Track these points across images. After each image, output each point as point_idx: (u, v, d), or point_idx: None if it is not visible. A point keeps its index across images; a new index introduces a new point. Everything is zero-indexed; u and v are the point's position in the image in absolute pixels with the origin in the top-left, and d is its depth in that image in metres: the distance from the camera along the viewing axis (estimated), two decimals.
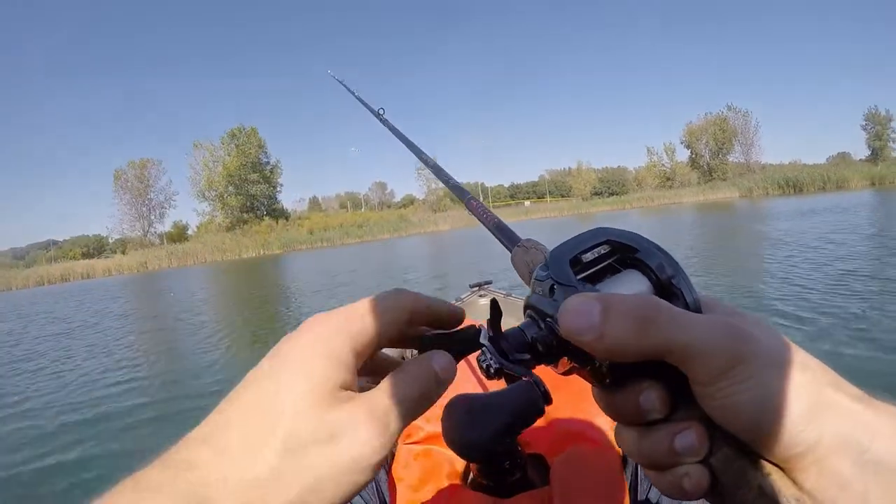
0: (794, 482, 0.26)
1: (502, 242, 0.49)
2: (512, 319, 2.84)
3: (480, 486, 0.83)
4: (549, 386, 1.33)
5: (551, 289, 0.32)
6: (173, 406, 4.59)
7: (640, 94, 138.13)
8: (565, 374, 0.33)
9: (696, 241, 13.16)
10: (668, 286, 0.31)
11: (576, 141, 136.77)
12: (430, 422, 1.11)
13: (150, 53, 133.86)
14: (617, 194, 74.15)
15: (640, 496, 0.95)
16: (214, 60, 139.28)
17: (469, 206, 0.66)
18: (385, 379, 0.33)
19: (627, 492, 0.86)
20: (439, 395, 0.34)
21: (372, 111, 1.37)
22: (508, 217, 55.45)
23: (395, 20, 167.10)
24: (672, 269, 0.31)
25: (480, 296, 3.52)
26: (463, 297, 3.49)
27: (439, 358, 0.34)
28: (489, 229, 0.56)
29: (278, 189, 58.69)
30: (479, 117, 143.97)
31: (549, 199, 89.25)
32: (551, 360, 0.32)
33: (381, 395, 0.31)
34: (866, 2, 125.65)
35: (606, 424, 1.06)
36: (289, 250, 43.73)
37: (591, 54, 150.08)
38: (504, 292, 3.54)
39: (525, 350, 0.33)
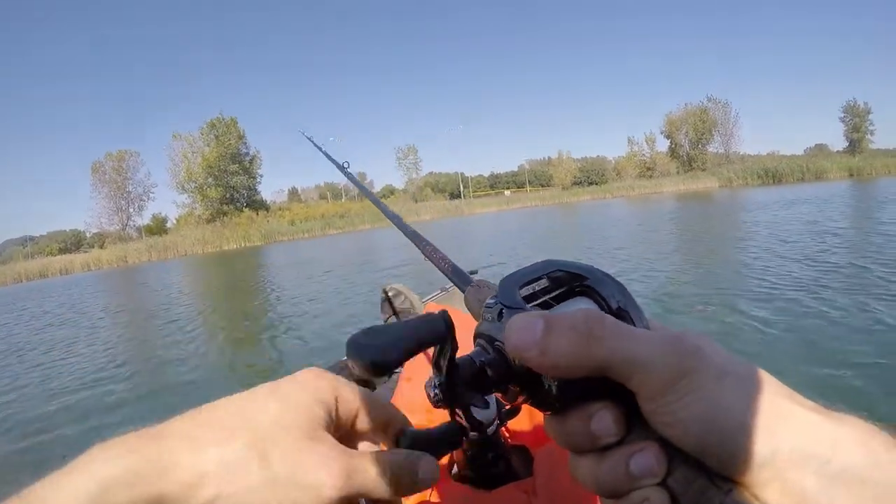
0: (757, 498, 0.25)
1: (455, 283, 0.51)
2: None
3: (464, 478, 0.83)
4: None
5: (500, 314, 0.32)
6: (153, 398, 4.61)
7: (620, 85, 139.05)
8: (514, 404, 0.33)
9: (677, 228, 13.42)
10: (618, 312, 0.31)
11: (556, 131, 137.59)
12: (415, 414, 1.22)
13: (125, 42, 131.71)
14: (596, 184, 74.61)
15: None
16: (193, 50, 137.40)
17: (424, 251, 0.70)
18: (369, 452, 0.33)
19: None
20: (407, 496, 0.34)
21: (337, 165, 1.50)
22: (490, 206, 56.67)
23: (376, 11, 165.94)
24: (621, 295, 0.31)
25: None
26: (448, 287, 3.52)
27: (426, 464, 0.34)
28: (443, 272, 0.58)
29: (258, 180, 58.29)
30: (458, 106, 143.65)
31: (528, 189, 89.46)
32: (501, 385, 0.32)
33: (363, 460, 0.32)
34: None
35: None
36: (270, 241, 43.51)
37: (569, 44, 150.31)
38: (490, 283, 3.61)
39: (476, 377, 0.33)
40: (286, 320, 7.00)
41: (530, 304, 0.32)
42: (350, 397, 0.35)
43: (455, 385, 0.33)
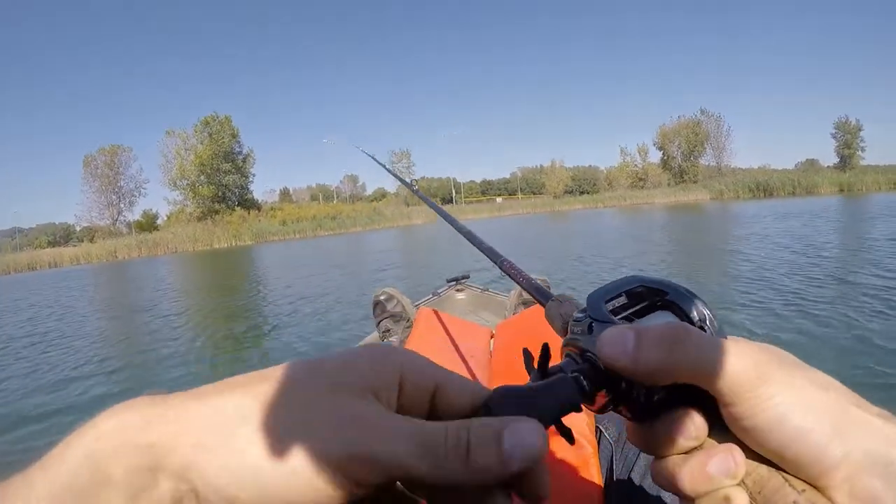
0: (829, 499, 0.26)
1: (537, 299, 0.52)
2: (489, 314, 3.16)
3: None
4: (509, 357, 1.53)
5: (589, 327, 0.33)
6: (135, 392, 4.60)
7: (613, 96, 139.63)
8: (600, 411, 0.33)
9: (672, 238, 13.56)
10: (699, 325, 0.32)
11: (548, 140, 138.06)
12: None
13: (120, 36, 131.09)
14: (588, 193, 74.90)
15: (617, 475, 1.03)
16: (188, 47, 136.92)
17: (502, 266, 0.71)
18: (441, 422, 0.28)
19: (600, 475, 0.90)
20: (484, 477, 0.26)
21: (405, 183, 1.60)
22: (482, 213, 56.76)
23: (374, 14, 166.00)
24: (701, 309, 0.33)
25: (458, 290, 3.65)
26: (440, 291, 3.62)
27: (519, 430, 0.27)
28: (524, 287, 0.59)
29: (251, 179, 58.00)
30: (452, 112, 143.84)
31: (520, 196, 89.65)
32: (589, 393, 0.32)
33: (434, 428, 0.27)
34: (837, 15, 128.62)
35: (582, 414, 1.25)
36: (261, 241, 43.32)
37: (563, 55, 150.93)
38: (481, 287, 3.66)
39: None
40: (275, 321, 7.01)
41: (617, 317, 0.34)
42: (423, 371, 0.31)
43: None
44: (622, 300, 0.35)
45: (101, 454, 0.24)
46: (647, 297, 0.35)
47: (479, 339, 2.16)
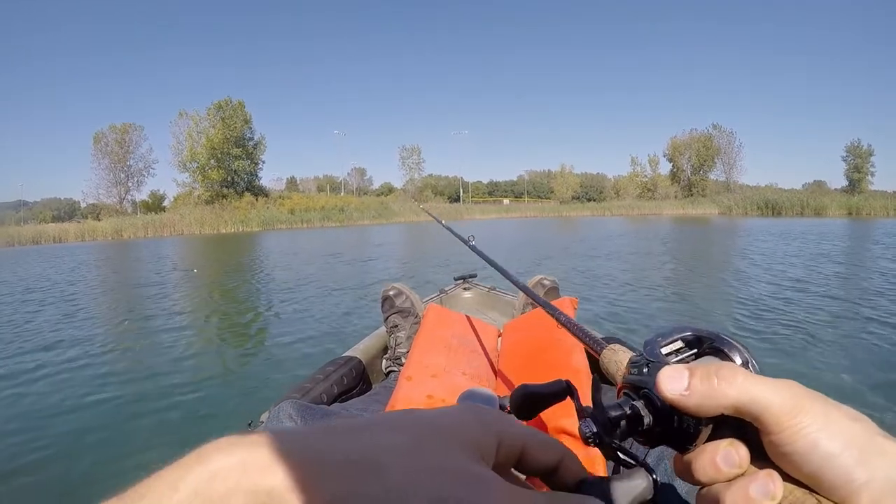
0: None
1: (590, 346, 0.56)
2: (496, 314, 3.09)
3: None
4: (517, 358, 1.62)
5: (646, 367, 0.38)
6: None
7: (623, 106, 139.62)
8: (651, 443, 0.37)
9: (695, 253, 13.45)
10: (743, 366, 0.36)
11: (557, 145, 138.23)
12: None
13: (134, 16, 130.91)
14: (595, 200, 75.00)
15: None
16: (201, 33, 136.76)
17: (558, 319, 0.73)
18: (533, 490, 0.31)
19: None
20: None
21: (462, 240, 1.69)
22: (489, 213, 56.87)
23: (390, 10, 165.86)
24: (743, 353, 0.37)
25: (465, 289, 3.64)
26: (447, 289, 3.60)
27: None
28: (577, 336, 0.62)
29: (260, 166, 57.95)
30: (463, 111, 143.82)
31: (527, 199, 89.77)
32: (648, 427, 0.36)
33: (523, 496, 0.29)
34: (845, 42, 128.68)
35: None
36: (268, 228, 43.31)
37: (576, 65, 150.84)
38: (488, 286, 3.63)
39: (621, 420, 0.37)
40: (281, 310, 6.94)
41: (672, 361, 0.38)
42: (515, 435, 0.34)
43: (609, 429, 0.37)
44: (674, 346, 0.39)
45: (217, 493, 0.24)
46: (695, 344, 0.39)
47: (486, 337, 2.18)
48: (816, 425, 0.30)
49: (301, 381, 1.89)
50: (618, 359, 0.47)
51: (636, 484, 0.38)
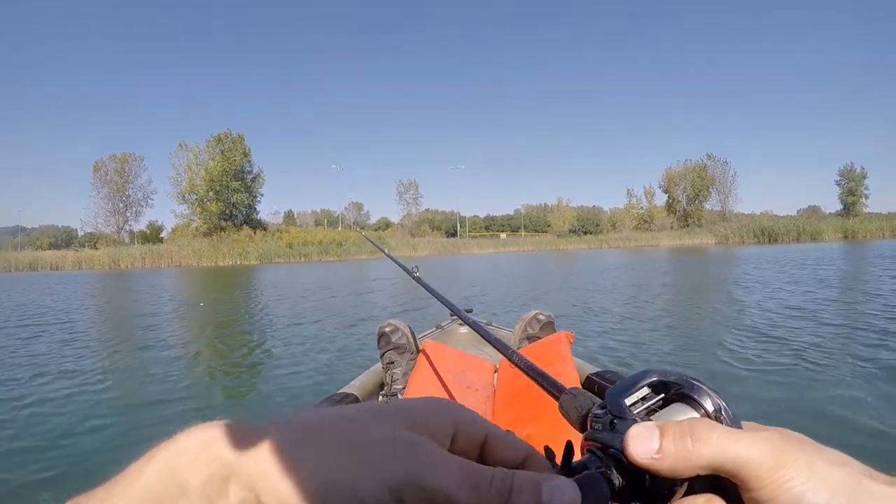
0: None
1: (549, 391, 0.55)
2: (490, 348, 3.12)
3: None
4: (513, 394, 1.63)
5: (611, 424, 0.36)
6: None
7: (620, 138, 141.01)
8: (621, 502, 0.35)
9: (695, 283, 13.43)
10: (714, 415, 0.35)
11: (550, 179, 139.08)
12: None
13: (133, 46, 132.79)
14: (591, 233, 75.35)
15: None
16: (200, 63, 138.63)
17: (511, 359, 0.75)
18: (489, 466, 0.32)
19: None
20: None
21: (406, 270, 1.75)
22: (487, 248, 56.93)
23: (384, 42, 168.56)
24: (716, 399, 0.35)
25: (461, 324, 3.59)
26: (443, 324, 3.61)
27: (560, 485, 0.31)
28: (535, 380, 0.62)
29: (258, 199, 58.30)
30: (459, 146, 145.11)
31: (524, 233, 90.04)
32: (618, 490, 0.34)
33: (483, 469, 0.31)
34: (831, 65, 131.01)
35: (576, 436, 1.18)
36: (266, 262, 43.34)
37: (567, 97, 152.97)
38: (484, 321, 3.63)
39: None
40: (282, 348, 6.82)
41: (635, 412, 0.36)
42: (474, 423, 0.35)
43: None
44: (640, 393, 0.37)
45: (180, 465, 0.28)
46: (661, 389, 0.37)
47: (482, 372, 2.20)
48: (800, 478, 0.29)
49: None
50: (577, 404, 0.47)
51: (592, 490, 0.34)
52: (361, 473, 0.28)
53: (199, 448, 0.28)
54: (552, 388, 0.55)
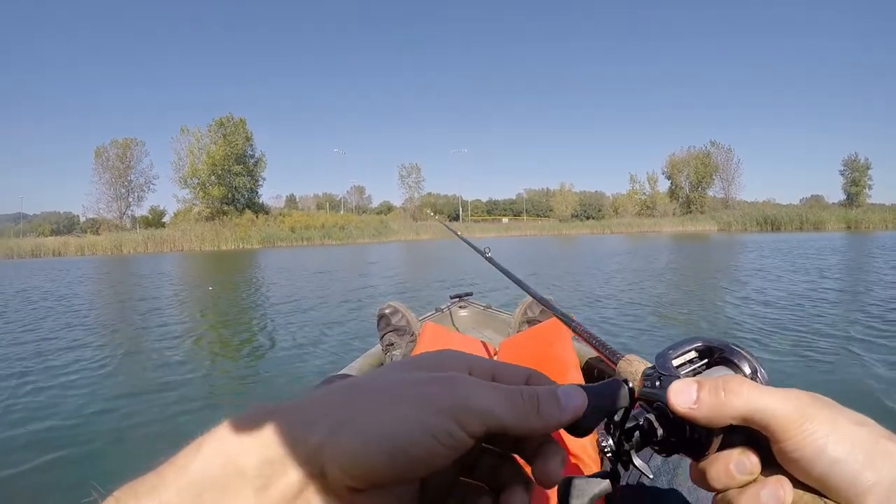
0: None
1: (606, 357, 0.57)
2: (491, 332, 3.10)
3: None
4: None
5: (658, 381, 0.39)
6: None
7: (623, 124, 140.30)
8: (665, 452, 0.39)
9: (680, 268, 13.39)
10: (750, 376, 0.38)
11: (555, 163, 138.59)
12: None
13: (134, 32, 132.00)
14: (594, 218, 75.13)
15: None
16: (202, 49, 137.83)
17: (576, 329, 0.77)
18: (516, 386, 0.35)
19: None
20: (545, 427, 0.34)
21: (479, 251, 1.75)
22: (489, 232, 56.81)
23: (389, 28, 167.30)
24: (753, 363, 0.39)
25: (461, 307, 3.61)
26: (443, 307, 3.58)
27: (570, 390, 0.35)
28: (595, 347, 0.64)
29: (260, 183, 58.31)
30: (462, 130, 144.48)
31: (526, 218, 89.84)
32: (661, 438, 0.38)
33: (514, 388, 0.34)
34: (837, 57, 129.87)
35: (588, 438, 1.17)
36: (268, 246, 43.35)
37: (573, 85, 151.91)
38: (483, 304, 3.62)
39: (643, 432, 0.39)
40: (283, 330, 6.81)
41: (682, 373, 0.40)
42: (483, 362, 0.38)
43: (625, 441, 0.39)
44: (686, 357, 0.41)
45: (234, 448, 0.28)
46: (706, 354, 0.41)
47: (482, 355, 2.12)
48: (822, 431, 0.32)
49: (295, 398, 1.88)
50: (633, 369, 0.49)
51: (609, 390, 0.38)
52: (422, 411, 0.30)
53: (250, 429, 0.29)
54: (610, 354, 0.57)
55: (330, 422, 0.29)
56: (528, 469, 0.36)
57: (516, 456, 0.36)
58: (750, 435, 0.35)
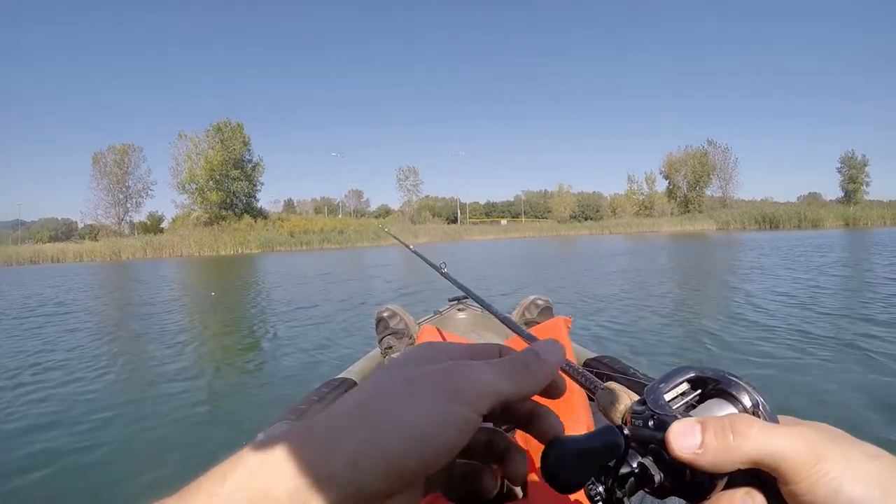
0: None
1: (585, 387, 0.57)
2: (490, 335, 3.11)
3: (460, 500, 0.84)
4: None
5: (651, 420, 0.36)
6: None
7: (620, 124, 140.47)
8: (661, 494, 0.36)
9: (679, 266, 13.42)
10: (752, 411, 0.35)
11: (553, 165, 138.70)
12: None
13: (132, 37, 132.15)
14: (592, 219, 75.17)
15: None
16: (198, 53, 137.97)
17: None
18: (504, 357, 0.38)
19: None
20: (533, 389, 0.36)
21: (434, 267, 1.73)
22: (488, 234, 56.93)
23: (385, 31, 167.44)
24: (753, 395, 0.36)
25: (459, 310, 3.61)
26: (441, 310, 3.58)
27: (548, 346, 0.38)
28: (572, 378, 0.61)
29: (258, 188, 58.18)
30: (459, 132, 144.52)
31: (524, 220, 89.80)
32: (658, 483, 0.35)
33: (503, 360, 0.37)
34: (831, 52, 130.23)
35: (582, 421, 1.22)
36: (267, 250, 43.31)
37: (569, 87, 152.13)
38: (481, 308, 3.64)
39: (638, 478, 0.36)
40: (283, 334, 6.88)
41: (674, 407, 0.37)
42: (456, 347, 0.39)
43: (617, 488, 0.36)
44: (679, 389, 0.38)
45: (262, 477, 0.28)
46: (699, 384, 0.38)
47: None
48: (837, 471, 0.30)
49: (296, 402, 1.89)
50: (614, 400, 0.48)
51: (603, 438, 0.37)
52: (439, 403, 0.31)
53: (277, 457, 0.29)
54: (588, 383, 0.55)
55: (357, 436, 0.29)
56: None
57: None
58: (755, 475, 0.33)
